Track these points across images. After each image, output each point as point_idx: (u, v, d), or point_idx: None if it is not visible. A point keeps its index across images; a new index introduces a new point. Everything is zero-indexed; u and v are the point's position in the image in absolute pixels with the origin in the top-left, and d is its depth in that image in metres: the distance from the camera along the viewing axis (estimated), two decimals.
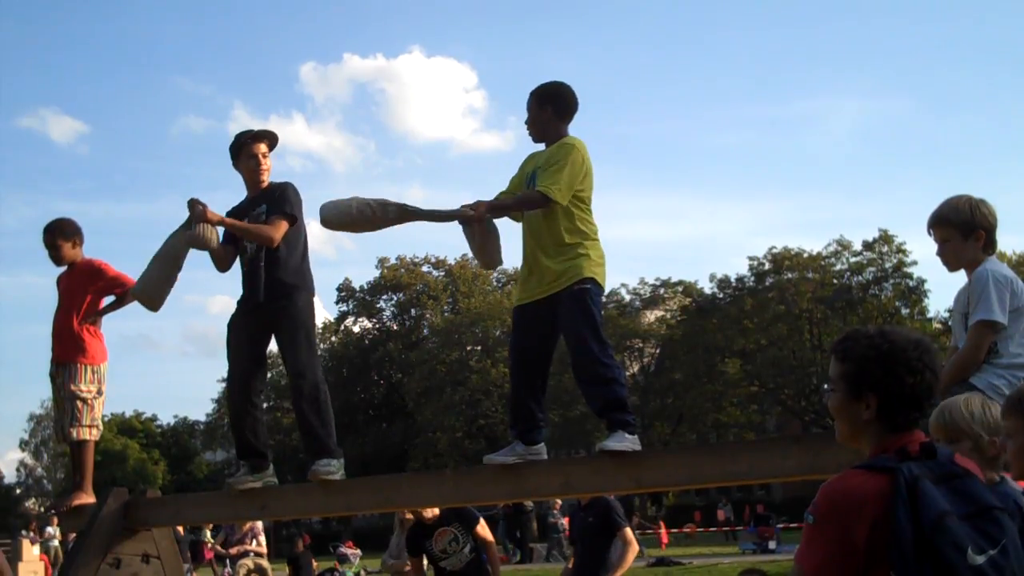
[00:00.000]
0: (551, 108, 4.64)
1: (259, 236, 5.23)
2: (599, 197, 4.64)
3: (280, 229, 5.24)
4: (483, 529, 6.55)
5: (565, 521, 20.50)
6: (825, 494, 2.16)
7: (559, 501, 21.06)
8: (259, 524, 12.41)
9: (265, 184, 5.45)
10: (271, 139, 5.51)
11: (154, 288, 5.39)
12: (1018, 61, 62.56)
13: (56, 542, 21.03)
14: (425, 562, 6.75)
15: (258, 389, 5.48)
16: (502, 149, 72.73)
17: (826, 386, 2.40)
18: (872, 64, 65.01)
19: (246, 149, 5.43)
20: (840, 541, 2.09)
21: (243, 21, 78.99)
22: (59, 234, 6.07)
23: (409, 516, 8.00)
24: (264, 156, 5.44)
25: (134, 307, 6.15)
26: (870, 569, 2.07)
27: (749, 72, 68.57)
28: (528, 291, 4.62)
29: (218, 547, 12.40)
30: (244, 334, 5.37)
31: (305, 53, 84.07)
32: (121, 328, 55.78)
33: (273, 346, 5.47)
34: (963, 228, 3.66)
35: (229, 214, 5.46)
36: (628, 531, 6.67)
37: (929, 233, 3.79)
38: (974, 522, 2.06)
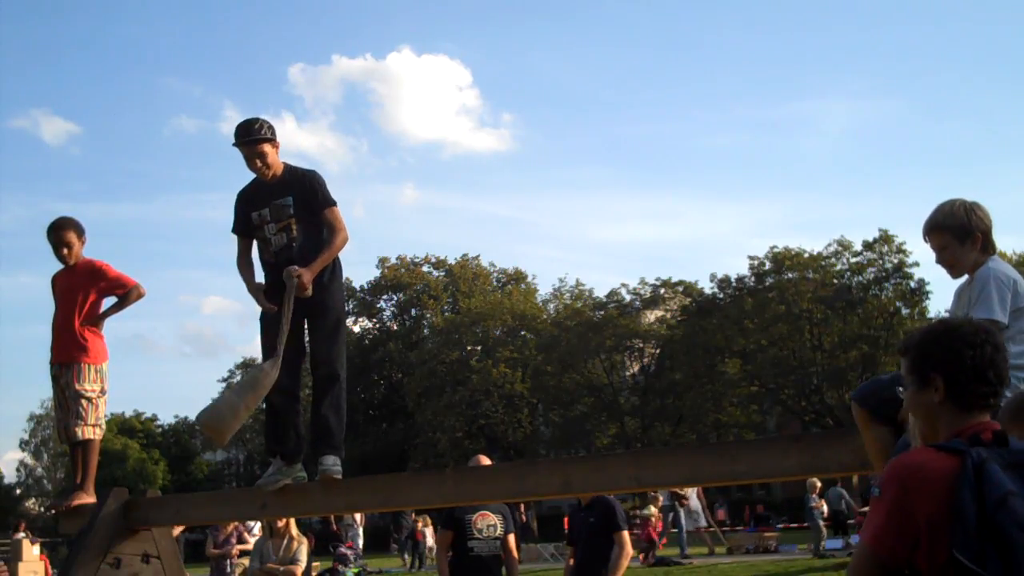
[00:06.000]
0: None
1: (339, 248, 5.26)
2: (596, 198, 4.66)
3: (340, 220, 5.28)
4: (512, 536, 6.79)
5: (821, 505, 18.70)
6: (892, 467, 2.21)
7: (819, 483, 18.36)
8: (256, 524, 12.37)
9: (281, 168, 5.36)
10: (256, 141, 5.27)
11: (221, 418, 5.02)
12: (1009, 63, 62.63)
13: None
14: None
15: (300, 380, 5.44)
16: (498, 149, 72.82)
17: (899, 388, 2.49)
18: (863, 66, 65.19)
19: (242, 152, 5.31)
20: (900, 512, 2.13)
21: (231, 22, 79.06)
22: (74, 230, 6.06)
23: (281, 524, 8.18)
24: (262, 156, 5.27)
25: (130, 307, 6.14)
26: (931, 547, 2.10)
27: (743, 74, 68.77)
28: None
29: (212, 550, 12.35)
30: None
31: (293, 55, 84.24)
32: (116, 328, 55.63)
33: None
34: (959, 233, 3.61)
35: (243, 197, 5.44)
36: (626, 535, 6.61)
37: (925, 240, 3.75)
38: None
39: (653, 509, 19.56)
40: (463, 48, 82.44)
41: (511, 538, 6.69)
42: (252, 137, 5.27)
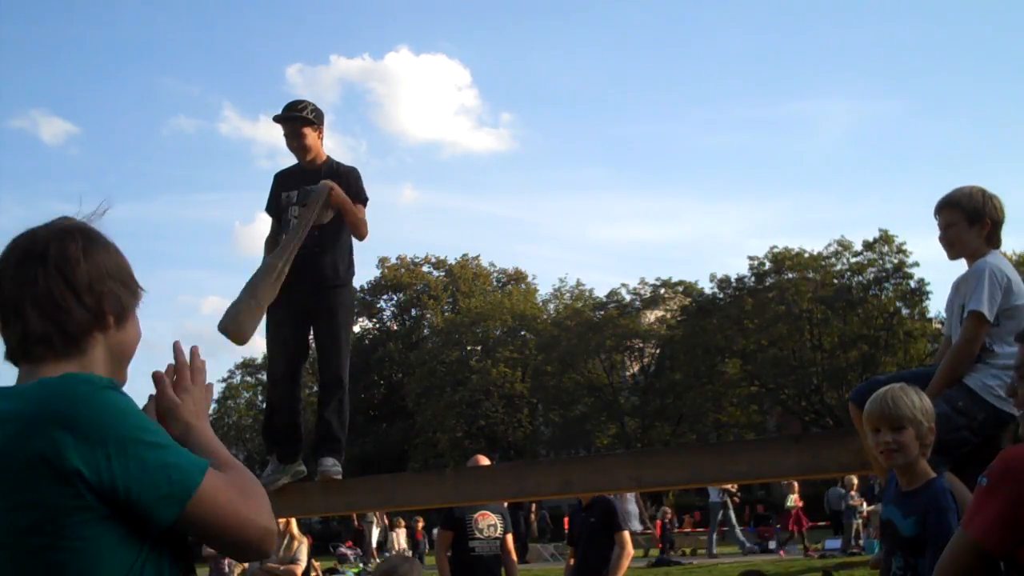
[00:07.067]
0: None
1: (361, 223, 5.24)
2: (596, 198, 4.67)
3: (365, 217, 5.29)
4: (509, 536, 6.80)
5: (863, 505, 17.84)
6: (1003, 458, 2.18)
7: (855, 479, 17.35)
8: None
9: (323, 159, 5.37)
10: (296, 120, 5.28)
11: (238, 319, 4.85)
12: (1009, 63, 62.55)
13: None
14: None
15: (301, 379, 5.47)
16: (498, 149, 72.78)
17: (1012, 375, 2.49)
18: (863, 66, 64.92)
19: (283, 128, 5.32)
20: (1010, 504, 2.10)
21: (229, 22, 78.77)
22: None
23: (281, 524, 8.24)
24: (299, 137, 5.27)
25: None
26: None
27: (742, 74, 68.56)
28: None
29: (209, 550, 12.29)
30: (288, 322, 5.25)
31: (291, 55, 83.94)
32: None
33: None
34: (971, 215, 3.62)
35: (279, 177, 5.46)
36: (627, 535, 6.61)
37: (936, 217, 3.74)
38: None
39: (794, 498, 19.15)
40: (462, 48, 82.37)
41: (509, 538, 6.70)
42: (293, 114, 5.27)
